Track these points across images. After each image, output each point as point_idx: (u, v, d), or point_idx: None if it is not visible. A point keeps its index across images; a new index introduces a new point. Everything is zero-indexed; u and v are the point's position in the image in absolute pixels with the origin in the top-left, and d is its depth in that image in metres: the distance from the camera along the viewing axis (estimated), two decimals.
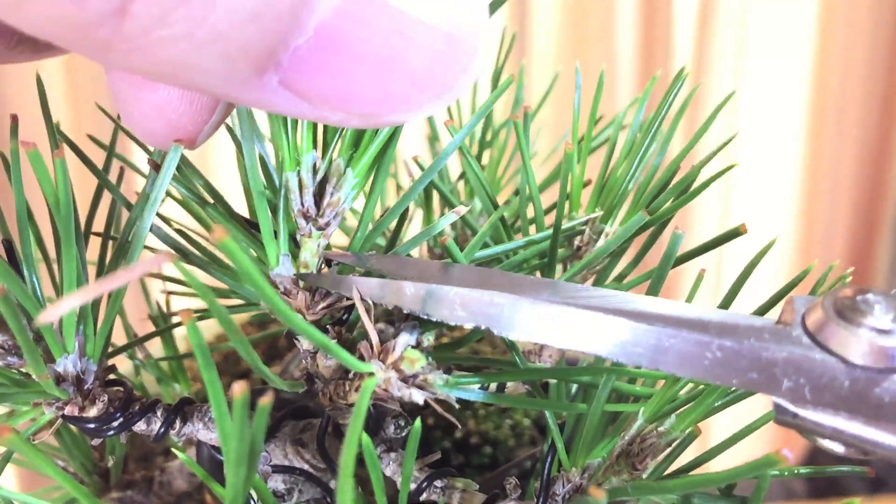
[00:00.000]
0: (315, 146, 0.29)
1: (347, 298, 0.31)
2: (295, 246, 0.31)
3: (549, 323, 0.24)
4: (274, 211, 0.30)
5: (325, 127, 0.29)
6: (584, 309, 0.23)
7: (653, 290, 0.29)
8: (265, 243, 0.30)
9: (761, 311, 0.33)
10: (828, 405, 0.21)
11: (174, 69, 0.18)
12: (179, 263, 0.19)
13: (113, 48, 0.18)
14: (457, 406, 0.29)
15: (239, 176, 0.33)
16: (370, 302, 0.28)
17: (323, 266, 0.31)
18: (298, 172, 0.29)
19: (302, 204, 0.30)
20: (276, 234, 0.30)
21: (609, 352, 0.23)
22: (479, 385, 0.29)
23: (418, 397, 0.27)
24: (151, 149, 0.31)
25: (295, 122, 0.29)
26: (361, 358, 0.28)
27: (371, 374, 0.27)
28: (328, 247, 0.31)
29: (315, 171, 0.29)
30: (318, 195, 0.30)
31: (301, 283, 0.31)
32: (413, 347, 0.28)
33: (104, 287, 0.17)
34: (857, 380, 0.21)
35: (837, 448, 0.22)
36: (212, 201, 0.33)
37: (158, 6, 0.17)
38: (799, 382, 0.22)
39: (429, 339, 0.28)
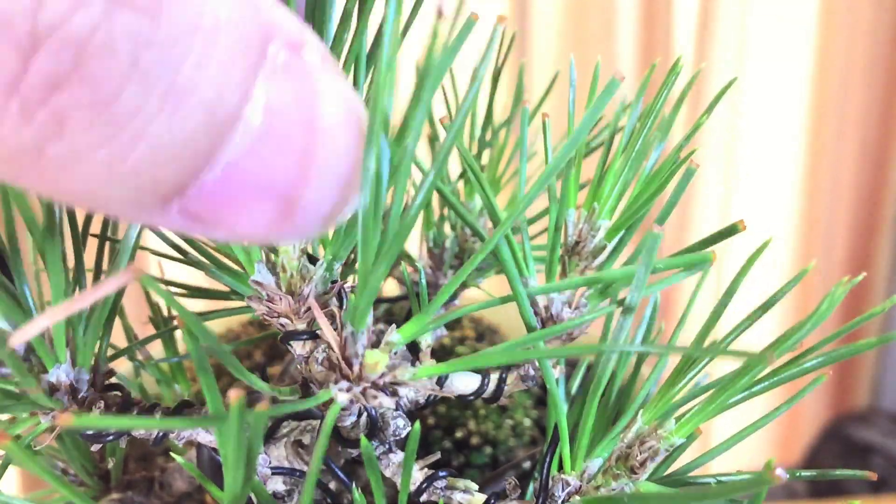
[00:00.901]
0: None
1: (337, 297, 0.31)
2: (273, 251, 0.31)
3: None
4: None
5: None
6: None
7: (637, 291, 0.29)
8: (236, 252, 0.30)
9: (762, 310, 0.33)
10: None
11: (84, 198, 0.19)
12: (147, 278, 0.19)
13: (24, 178, 0.18)
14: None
15: None
16: (333, 310, 0.28)
17: (307, 266, 0.31)
18: None
19: None
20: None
21: None
22: (457, 369, 0.28)
23: (388, 403, 0.27)
24: None
25: None
26: (332, 368, 0.28)
27: (331, 400, 0.27)
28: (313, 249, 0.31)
29: None
30: None
31: (283, 289, 0.30)
32: (388, 319, 0.27)
33: (80, 304, 0.18)
34: None
35: None
36: None
37: (83, 141, 0.17)
38: None
39: (426, 341, 0.28)
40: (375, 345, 0.27)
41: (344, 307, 0.29)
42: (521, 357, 0.27)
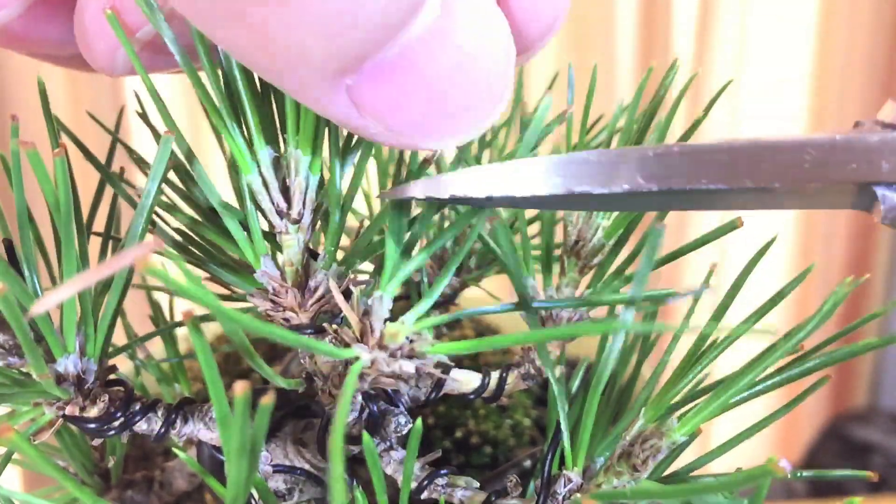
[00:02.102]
0: (270, 141, 0.29)
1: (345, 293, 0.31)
2: (277, 245, 0.31)
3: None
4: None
5: (272, 121, 0.30)
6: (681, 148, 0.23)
7: (638, 288, 0.29)
8: (241, 246, 0.31)
9: (763, 311, 0.33)
10: None
11: (273, 52, 0.19)
12: (170, 251, 0.19)
13: (240, 17, 0.19)
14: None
15: (229, 176, 0.34)
16: (351, 287, 0.29)
17: (308, 260, 0.31)
18: (260, 172, 0.29)
19: (272, 201, 0.30)
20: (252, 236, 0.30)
21: (713, 176, 0.23)
22: (468, 350, 0.28)
23: (409, 368, 0.27)
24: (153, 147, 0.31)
25: (241, 121, 0.29)
26: (347, 346, 0.28)
27: (356, 358, 0.27)
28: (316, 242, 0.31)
29: (277, 165, 0.29)
30: (285, 189, 0.30)
31: (289, 282, 0.31)
32: (392, 320, 0.28)
33: (96, 276, 0.18)
34: None
35: None
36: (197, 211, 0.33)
37: None
38: None
39: (430, 332, 0.28)
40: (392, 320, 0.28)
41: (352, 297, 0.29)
42: (540, 338, 0.28)
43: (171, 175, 0.33)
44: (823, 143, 0.23)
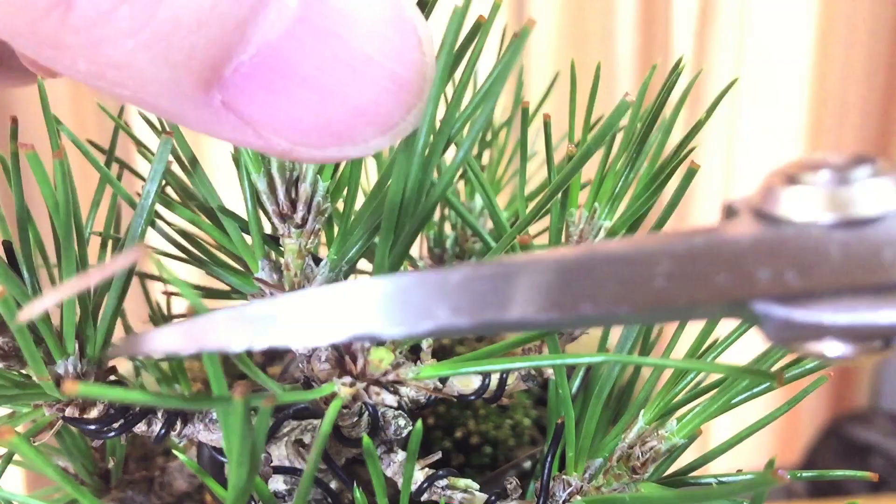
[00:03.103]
0: None
1: None
2: (278, 250, 0.31)
3: (458, 292, 0.18)
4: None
5: None
6: (492, 268, 0.18)
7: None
8: (240, 249, 0.30)
9: None
10: (822, 286, 0.16)
11: (121, 75, 0.18)
12: (155, 257, 0.18)
13: (60, 43, 0.18)
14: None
15: (238, 176, 0.33)
16: None
17: (311, 265, 0.31)
18: (266, 172, 0.29)
19: (277, 204, 0.29)
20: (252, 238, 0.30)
21: (537, 308, 0.17)
22: (456, 373, 0.28)
23: (391, 401, 0.27)
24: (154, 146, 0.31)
25: None
26: (340, 365, 0.28)
27: (333, 395, 0.27)
28: (316, 248, 0.31)
29: (285, 168, 0.29)
30: (291, 193, 0.29)
31: (287, 287, 0.30)
32: (379, 345, 0.27)
33: (83, 283, 0.17)
34: (846, 243, 0.16)
35: (845, 349, 0.17)
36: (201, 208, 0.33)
37: (103, 1, 0.17)
38: (778, 268, 0.16)
39: (428, 342, 0.28)
40: (380, 343, 0.27)
41: None
42: (533, 363, 0.27)
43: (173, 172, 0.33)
44: (680, 250, 0.17)
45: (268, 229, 0.31)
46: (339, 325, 0.18)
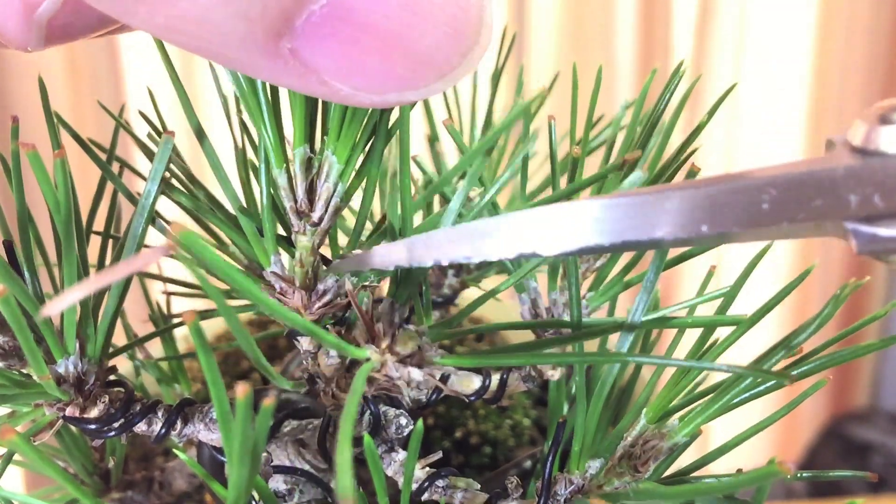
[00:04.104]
0: (306, 140, 0.29)
1: (345, 296, 0.31)
2: (290, 245, 0.31)
3: (596, 218, 0.22)
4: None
5: (313, 120, 0.29)
6: (631, 198, 0.22)
7: (646, 295, 0.29)
8: (253, 243, 0.30)
9: (764, 310, 0.33)
10: None
11: (194, 26, 0.19)
12: (183, 256, 0.18)
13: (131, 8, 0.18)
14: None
15: (238, 174, 0.33)
16: (362, 291, 0.29)
17: (320, 264, 0.31)
18: (287, 168, 0.29)
19: (294, 200, 0.29)
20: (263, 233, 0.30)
21: (668, 231, 0.21)
22: (477, 365, 0.28)
23: (417, 375, 0.27)
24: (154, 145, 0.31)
25: (279, 117, 0.29)
26: (359, 346, 0.28)
27: (367, 359, 0.27)
28: (335, 245, 0.31)
29: (308, 165, 0.29)
30: (310, 190, 0.29)
31: (298, 283, 0.30)
32: (407, 328, 0.28)
33: (105, 280, 0.18)
34: None
35: None
36: (208, 204, 0.33)
37: None
38: (866, 192, 0.20)
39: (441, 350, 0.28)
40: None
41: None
42: (546, 360, 0.28)
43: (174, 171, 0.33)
44: (784, 179, 0.21)
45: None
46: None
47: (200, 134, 0.32)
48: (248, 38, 0.19)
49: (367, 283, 0.31)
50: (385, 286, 0.31)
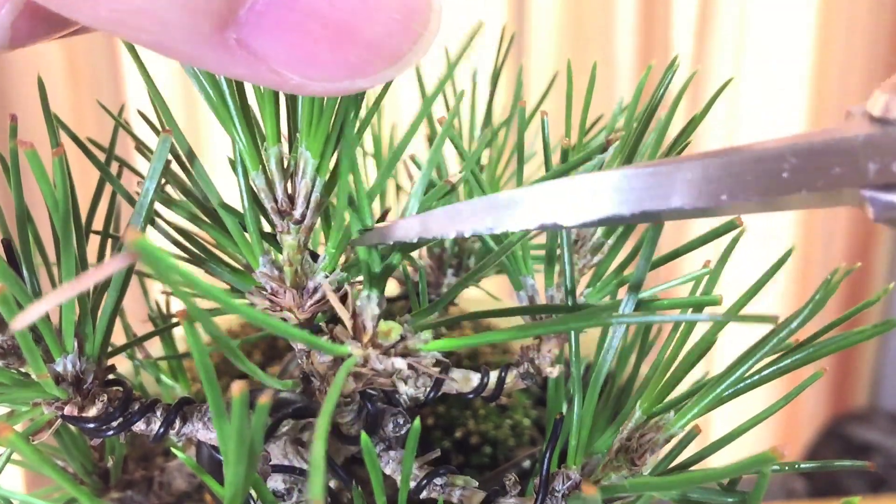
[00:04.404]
0: (279, 139, 0.29)
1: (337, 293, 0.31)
2: (277, 244, 0.31)
3: (615, 188, 0.22)
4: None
5: (288, 119, 0.29)
6: (651, 168, 0.22)
7: (635, 287, 0.29)
8: (240, 246, 0.30)
9: (746, 298, 0.33)
10: None
11: (137, 19, 0.19)
12: (153, 253, 0.18)
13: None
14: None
15: (233, 173, 0.33)
16: (347, 288, 0.29)
17: (309, 261, 0.31)
18: (264, 169, 0.29)
19: (275, 200, 0.29)
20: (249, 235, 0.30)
21: (687, 201, 0.22)
22: (463, 346, 0.28)
23: (401, 365, 0.27)
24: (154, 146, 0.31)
25: (250, 118, 0.29)
26: (341, 343, 0.28)
27: (349, 355, 0.27)
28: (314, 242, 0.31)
29: (283, 164, 0.29)
30: (287, 189, 0.29)
31: (288, 282, 0.30)
32: (387, 318, 0.28)
33: (75, 288, 0.17)
34: None
35: None
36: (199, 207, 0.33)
37: None
38: (885, 161, 0.20)
39: (427, 336, 0.28)
40: (389, 316, 0.28)
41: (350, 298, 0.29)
42: (539, 331, 0.28)
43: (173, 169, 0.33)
44: (803, 148, 0.21)
45: (264, 225, 0.31)
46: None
47: (190, 153, 0.32)
48: (192, 30, 0.19)
49: (352, 281, 0.31)
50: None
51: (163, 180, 0.31)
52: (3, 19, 0.24)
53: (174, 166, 0.33)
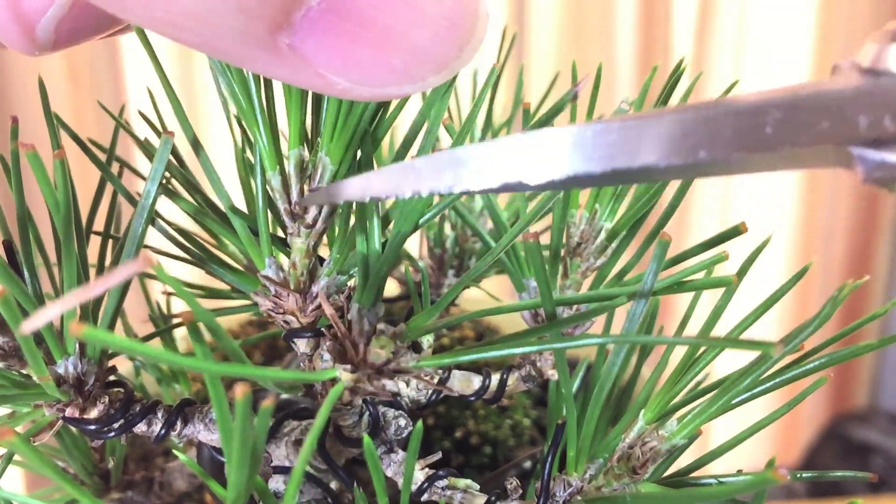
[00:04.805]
0: (301, 141, 0.29)
1: (346, 299, 0.31)
2: (286, 246, 0.31)
3: (582, 143, 0.20)
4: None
5: (304, 121, 0.29)
6: (620, 122, 0.20)
7: (645, 289, 0.29)
8: (247, 245, 0.30)
9: (763, 308, 0.33)
10: None
11: (193, 21, 0.19)
12: (161, 270, 0.19)
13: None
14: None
15: (238, 174, 0.33)
16: (342, 300, 0.29)
17: (317, 265, 0.31)
18: (281, 170, 0.29)
19: (289, 202, 0.29)
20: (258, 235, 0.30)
21: (660, 156, 0.20)
22: (455, 363, 0.28)
23: (391, 386, 0.27)
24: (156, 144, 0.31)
25: (274, 119, 0.29)
26: (341, 354, 0.28)
27: (335, 379, 0.27)
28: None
29: (302, 167, 0.29)
30: (303, 192, 0.29)
31: (292, 286, 0.30)
32: (381, 333, 0.27)
33: (84, 296, 0.18)
34: None
35: None
36: (204, 206, 0.32)
37: None
38: (877, 114, 0.19)
39: (428, 341, 0.28)
40: (380, 333, 0.28)
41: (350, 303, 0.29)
42: (529, 348, 0.28)
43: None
44: (788, 101, 0.19)
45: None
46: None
47: (196, 144, 0.32)
48: (246, 33, 0.19)
49: (343, 288, 0.31)
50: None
51: (167, 174, 0.31)
52: (49, 20, 0.24)
53: (172, 170, 0.33)
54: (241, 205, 0.33)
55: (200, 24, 0.19)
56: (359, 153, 0.29)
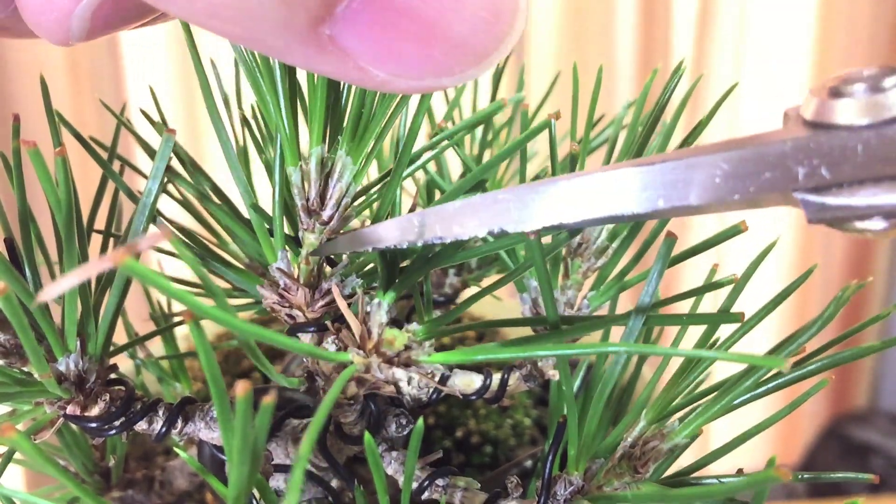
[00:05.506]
0: (323, 139, 0.29)
1: (348, 295, 0.31)
2: (296, 243, 0.31)
3: (558, 199, 0.23)
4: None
5: (327, 119, 0.29)
6: (584, 176, 0.23)
7: (642, 309, 0.29)
8: (260, 239, 0.30)
9: (765, 311, 0.33)
10: (850, 178, 0.21)
11: (234, 12, 0.19)
12: (177, 243, 0.18)
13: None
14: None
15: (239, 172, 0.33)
16: (359, 293, 0.29)
17: (325, 261, 0.31)
18: (301, 167, 0.29)
19: (306, 199, 0.29)
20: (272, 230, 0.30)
21: (624, 208, 0.23)
22: (465, 361, 0.28)
23: (401, 375, 0.27)
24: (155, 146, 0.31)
25: (294, 114, 0.29)
26: (346, 348, 0.28)
27: (350, 363, 0.27)
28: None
29: (322, 164, 0.29)
30: (322, 189, 0.29)
31: (302, 280, 0.30)
32: (395, 326, 0.28)
33: (104, 264, 0.17)
34: (867, 142, 0.20)
35: (879, 225, 0.21)
36: (216, 199, 0.32)
37: None
38: (813, 165, 0.21)
39: (432, 341, 0.28)
40: (397, 325, 0.28)
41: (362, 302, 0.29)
42: (538, 352, 0.28)
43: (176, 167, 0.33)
44: (734, 155, 0.22)
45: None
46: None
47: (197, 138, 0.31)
48: (288, 25, 0.19)
49: (368, 288, 0.31)
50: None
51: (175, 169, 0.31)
52: (85, 8, 0.24)
53: (179, 161, 0.33)
54: (239, 202, 0.33)
55: (241, 16, 0.19)
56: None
